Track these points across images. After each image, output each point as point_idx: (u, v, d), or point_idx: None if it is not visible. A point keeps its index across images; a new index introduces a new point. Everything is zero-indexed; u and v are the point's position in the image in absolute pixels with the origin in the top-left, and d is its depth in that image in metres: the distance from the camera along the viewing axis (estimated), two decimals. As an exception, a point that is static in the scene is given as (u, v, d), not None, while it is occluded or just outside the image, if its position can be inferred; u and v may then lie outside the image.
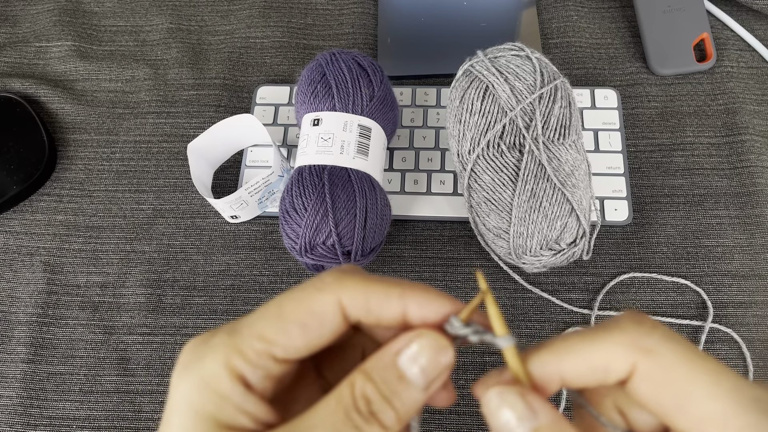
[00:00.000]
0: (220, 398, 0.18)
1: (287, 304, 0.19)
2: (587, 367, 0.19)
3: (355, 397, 0.18)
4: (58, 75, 0.57)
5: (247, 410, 0.18)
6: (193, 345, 0.20)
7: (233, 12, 0.60)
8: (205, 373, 0.18)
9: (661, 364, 0.18)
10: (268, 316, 0.19)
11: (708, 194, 0.49)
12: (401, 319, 0.20)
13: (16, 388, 0.45)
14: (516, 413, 0.18)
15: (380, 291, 0.20)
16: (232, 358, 0.19)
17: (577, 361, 0.19)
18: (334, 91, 0.44)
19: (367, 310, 0.20)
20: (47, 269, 0.49)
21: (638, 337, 0.18)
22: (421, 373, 0.19)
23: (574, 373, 0.19)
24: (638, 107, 0.53)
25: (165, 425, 0.19)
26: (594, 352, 0.19)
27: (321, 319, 0.19)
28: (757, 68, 0.54)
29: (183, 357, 0.19)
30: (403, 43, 0.56)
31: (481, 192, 0.41)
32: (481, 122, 0.41)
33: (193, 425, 0.18)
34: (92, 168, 0.53)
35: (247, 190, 0.46)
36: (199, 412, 0.18)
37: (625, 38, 0.56)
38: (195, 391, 0.18)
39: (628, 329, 0.19)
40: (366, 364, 0.19)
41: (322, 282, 0.20)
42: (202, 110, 0.55)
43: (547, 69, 0.42)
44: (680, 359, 0.18)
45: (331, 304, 0.19)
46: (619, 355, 0.18)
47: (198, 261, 0.48)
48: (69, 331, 0.46)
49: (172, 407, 0.19)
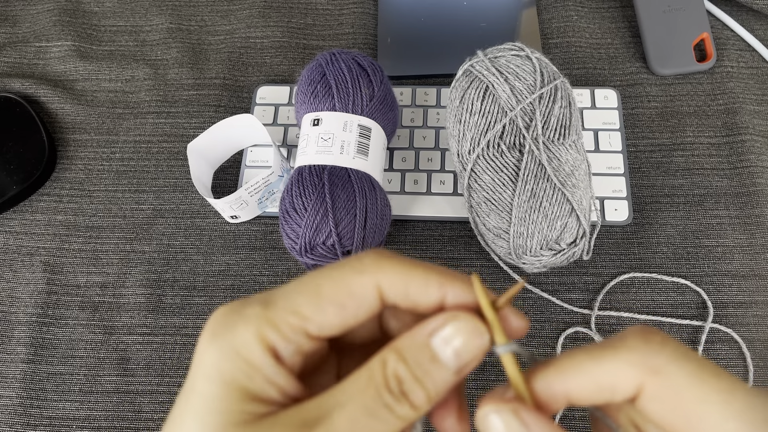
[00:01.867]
0: (250, 368, 0.18)
1: (325, 283, 0.19)
2: (593, 385, 0.18)
3: (387, 376, 0.18)
4: (58, 75, 0.57)
5: (277, 382, 0.18)
6: (223, 313, 0.19)
7: (233, 12, 0.60)
8: (237, 342, 0.18)
9: (669, 385, 0.17)
10: (306, 293, 0.19)
11: (708, 194, 0.49)
12: (439, 306, 0.20)
13: (16, 388, 0.45)
14: (510, 430, 0.18)
15: (420, 277, 0.19)
16: (266, 329, 0.18)
17: (583, 379, 0.19)
18: (334, 91, 0.44)
19: (405, 296, 0.19)
20: (47, 269, 0.49)
21: (646, 356, 0.18)
22: (455, 356, 0.19)
23: (580, 392, 0.19)
24: (638, 107, 0.53)
25: (189, 391, 0.18)
26: (600, 370, 0.18)
27: (359, 300, 0.19)
28: (757, 68, 0.54)
29: (212, 324, 0.19)
30: (403, 43, 0.56)
31: (481, 192, 0.41)
32: (481, 122, 0.41)
33: (220, 393, 0.18)
34: (92, 168, 0.53)
35: (247, 190, 0.46)
36: (228, 380, 0.18)
37: (625, 38, 0.56)
38: (225, 359, 0.18)
39: (636, 347, 0.18)
40: (398, 343, 0.19)
41: (362, 263, 0.20)
42: (202, 110, 0.55)
43: (547, 69, 0.42)
44: (690, 379, 0.17)
45: (370, 286, 0.19)
46: (626, 375, 0.18)
47: (198, 261, 0.48)
48: (69, 331, 0.46)
49: (199, 373, 0.18)
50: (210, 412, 0.18)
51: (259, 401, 0.18)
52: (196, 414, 0.18)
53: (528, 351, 0.20)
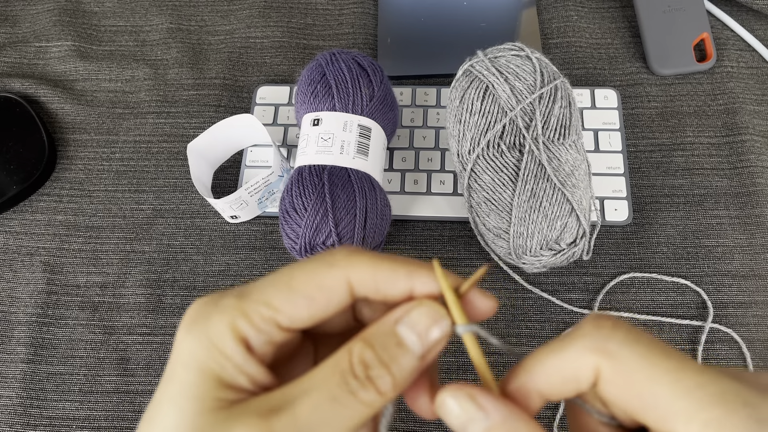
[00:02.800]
0: (222, 357, 0.19)
1: (298, 276, 0.20)
2: (558, 378, 0.19)
3: (353, 363, 0.19)
4: (58, 75, 0.57)
5: (247, 371, 0.19)
6: (200, 304, 0.20)
7: (233, 12, 0.60)
8: (211, 332, 0.19)
9: (621, 367, 0.18)
10: (278, 285, 0.20)
11: (708, 194, 0.49)
12: (408, 296, 0.20)
13: (16, 388, 0.45)
14: (467, 414, 0.19)
15: (388, 270, 0.20)
16: (238, 320, 0.19)
17: (548, 373, 0.19)
18: (334, 91, 0.44)
19: (375, 288, 0.20)
20: (47, 269, 0.49)
21: (598, 341, 0.18)
22: (419, 340, 0.19)
23: (549, 387, 0.19)
24: (638, 107, 0.53)
25: (169, 378, 0.19)
26: (560, 362, 0.19)
27: (328, 293, 0.20)
28: (757, 68, 0.54)
29: (190, 314, 0.20)
30: (403, 43, 0.56)
31: (481, 192, 0.41)
32: (481, 122, 0.41)
33: (196, 380, 0.19)
34: (92, 168, 0.53)
35: (246, 190, 0.46)
36: (203, 368, 0.19)
37: (625, 38, 0.56)
38: (200, 347, 0.19)
39: (589, 333, 0.19)
40: (365, 332, 0.20)
41: (333, 257, 0.20)
42: (202, 110, 0.55)
43: (547, 69, 0.42)
44: (640, 360, 0.18)
45: (340, 280, 0.20)
46: (583, 362, 0.18)
47: (198, 261, 0.48)
48: (69, 331, 0.46)
49: (178, 360, 0.19)
50: (187, 398, 0.18)
51: (231, 389, 0.19)
52: (173, 400, 0.19)
53: (498, 338, 0.20)
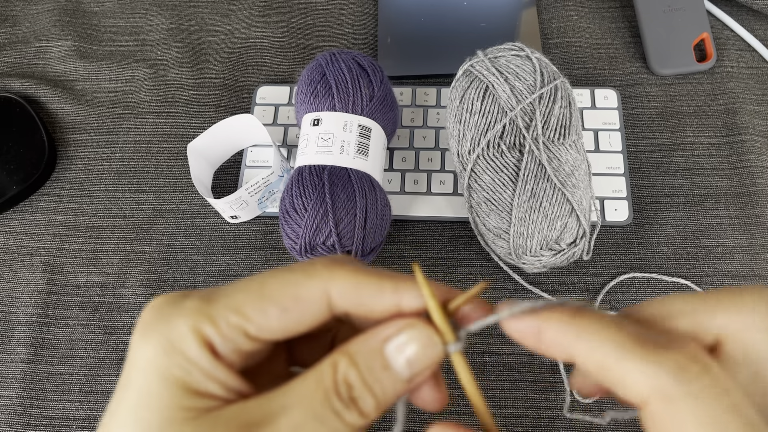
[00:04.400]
0: (186, 361, 0.17)
1: (271, 284, 0.18)
2: (600, 368, 0.17)
3: (337, 381, 0.17)
4: (58, 75, 0.57)
5: (216, 377, 0.18)
6: (159, 304, 0.18)
7: (233, 12, 0.60)
8: (172, 335, 0.17)
9: (672, 416, 0.16)
10: (249, 291, 0.18)
11: (708, 194, 0.49)
12: (394, 312, 0.19)
13: (16, 388, 0.45)
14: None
15: (373, 284, 0.19)
16: (203, 324, 0.18)
17: (595, 357, 0.17)
18: (334, 91, 0.44)
19: (358, 302, 0.19)
20: (47, 269, 0.49)
21: (668, 380, 0.16)
22: (407, 365, 0.18)
23: (583, 361, 0.17)
24: (638, 107, 0.53)
25: (124, 387, 0.18)
26: (617, 365, 0.17)
27: (304, 305, 0.18)
28: (757, 68, 0.54)
29: (147, 316, 0.18)
30: (403, 43, 0.56)
31: (481, 192, 0.41)
32: (481, 122, 0.41)
33: (157, 388, 0.17)
34: (92, 168, 0.53)
35: (247, 190, 0.46)
36: (165, 374, 0.17)
37: (625, 38, 0.56)
38: (160, 352, 0.17)
39: (666, 365, 0.16)
40: (351, 346, 0.18)
41: (313, 267, 0.19)
42: (202, 110, 0.54)
43: (547, 69, 0.42)
44: (700, 424, 0.15)
45: (318, 292, 0.18)
46: (638, 385, 0.16)
47: (198, 261, 0.48)
48: (69, 332, 0.46)
49: (134, 368, 0.18)
50: (147, 409, 0.17)
51: (200, 395, 0.17)
52: (132, 412, 0.17)
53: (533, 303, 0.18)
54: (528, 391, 0.43)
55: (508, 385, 0.43)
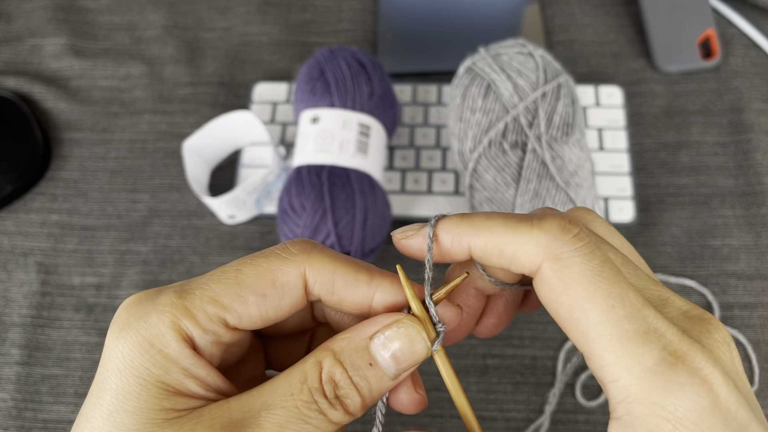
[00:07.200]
0: (165, 360, 0.17)
1: (247, 270, 0.18)
2: (497, 251, 0.18)
3: (322, 380, 0.17)
4: (53, 72, 0.56)
5: (197, 375, 0.17)
6: (134, 302, 0.18)
7: (230, 8, 0.59)
8: (149, 333, 0.17)
9: (563, 274, 0.17)
10: (224, 280, 0.18)
11: (714, 193, 0.48)
12: (366, 305, 0.19)
13: (10, 390, 0.44)
14: None
15: (349, 273, 0.19)
16: (181, 319, 0.17)
17: (490, 242, 0.18)
18: (333, 89, 0.43)
19: (331, 290, 0.19)
20: (41, 270, 0.48)
21: (556, 243, 0.17)
22: (393, 361, 0.18)
23: (482, 251, 0.19)
24: (643, 105, 0.52)
25: (99, 389, 0.17)
26: (509, 242, 0.18)
27: (282, 290, 0.18)
28: (763, 66, 0.53)
29: (121, 315, 0.18)
30: (404, 40, 0.56)
31: (483, 191, 0.41)
32: (483, 120, 0.40)
33: (134, 390, 0.17)
34: (87, 167, 0.52)
35: (244, 189, 0.46)
36: (142, 374, 0.17)
37: (630, 35, 0.55)
38: (137, 351, 0.17)
39: (552, 232, 0.18)
40: (335, 344, 0.18)
41: (288, 252, 0.19)
42: (198, 108, 0.54)
43: (551, 66, 0.41)
44: (585, 275, 0.17)
45: (295, 276, 0.18)
46: (530, 255, 0.18)
47: (194, 262, 0.48)
48: (63, 333, 0.46)
49: (109, 369, 0.17)
50: (125, 412, 0.16)
51: (180, 395, 0.17)
52: (109, 415, 0.16)
53: None
54: (530, 394, 0.42)
55: (510, 388, 0.42)
